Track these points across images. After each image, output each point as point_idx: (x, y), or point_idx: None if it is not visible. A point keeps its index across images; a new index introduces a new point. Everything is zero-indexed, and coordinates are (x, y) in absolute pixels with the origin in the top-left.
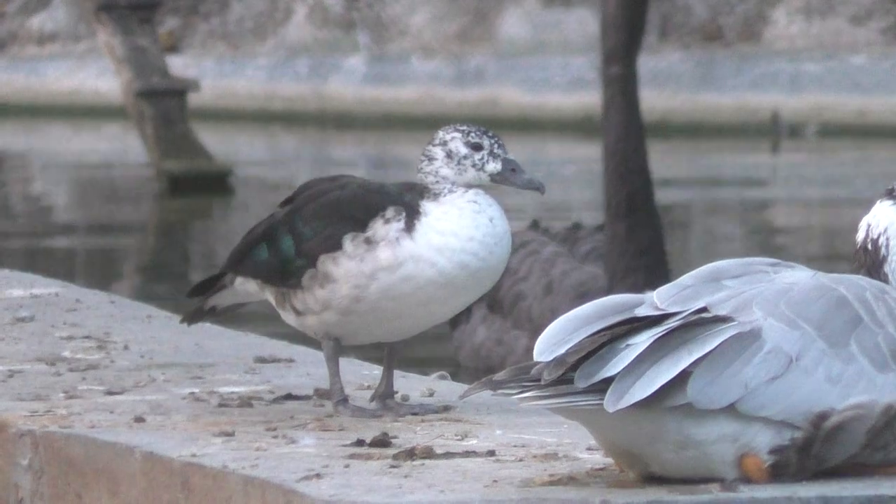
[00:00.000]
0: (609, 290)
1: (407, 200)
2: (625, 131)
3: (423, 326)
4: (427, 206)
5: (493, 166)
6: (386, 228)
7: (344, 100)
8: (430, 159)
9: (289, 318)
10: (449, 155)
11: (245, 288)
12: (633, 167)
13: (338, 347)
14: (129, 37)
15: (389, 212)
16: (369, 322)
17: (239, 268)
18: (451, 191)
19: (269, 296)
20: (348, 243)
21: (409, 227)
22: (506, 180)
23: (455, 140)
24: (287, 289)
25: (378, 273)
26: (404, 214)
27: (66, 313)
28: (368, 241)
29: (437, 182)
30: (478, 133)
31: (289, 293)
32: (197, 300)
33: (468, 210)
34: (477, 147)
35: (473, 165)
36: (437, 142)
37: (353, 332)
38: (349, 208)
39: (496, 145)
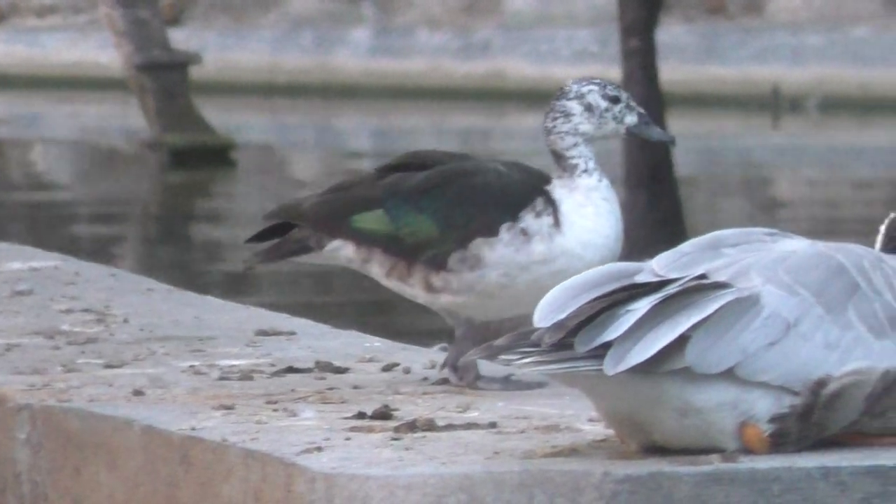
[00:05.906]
0: (628, 261)
1: (546, 190)
2: (645, 103)
3: None
4: (561, 195)
5: (631, 119)
6: (538, 223)
7: (349, 72)
8: (567, 115)
9: (410, 291)
10: (589, 108)
11: (340, 253)
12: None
13: (471, 327)
14: (130, 9)
15: (539, 204)
16: (506, 305)
17: (339, 232)
18: (582, 172)
19: (375, 265)
20: (505, 232)
21: (557, 222)
22: (642, 133)
23: (593, 93)
24: (423, 265)
25: (531, 266)
26: (552, 208)
27: (66, 286)
28: (524, 233)
29: (576, 144)
30: (613, 86)
31: (424, 270)
32: (254, 246)
33: (604, 209)
34: (615, 100)
35: (614, 118)
36: (571, 95)
37: (485, 312)
38: (503, 196)
39: (630, 97)
